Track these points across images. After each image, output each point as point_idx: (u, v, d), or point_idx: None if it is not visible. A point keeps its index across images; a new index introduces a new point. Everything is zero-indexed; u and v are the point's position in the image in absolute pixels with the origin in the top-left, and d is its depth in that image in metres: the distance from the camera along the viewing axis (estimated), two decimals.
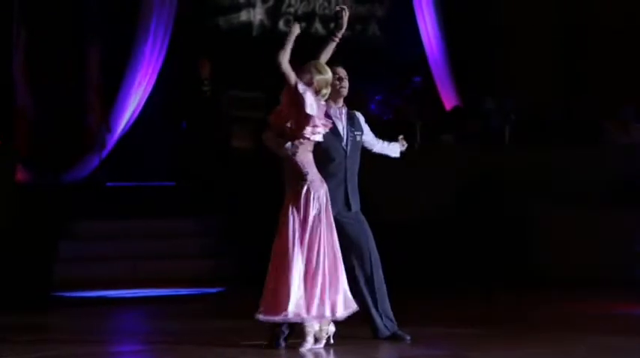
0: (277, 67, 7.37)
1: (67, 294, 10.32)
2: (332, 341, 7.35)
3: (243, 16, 14.85)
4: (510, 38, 14.90)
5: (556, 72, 14.79)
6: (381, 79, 14.36)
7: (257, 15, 14.92)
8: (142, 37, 13.51)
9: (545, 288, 10.73)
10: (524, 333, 8.13)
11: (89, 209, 11.62)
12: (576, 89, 14.54)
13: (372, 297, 7.61)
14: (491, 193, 11.68)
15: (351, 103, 7.91)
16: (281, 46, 7.41)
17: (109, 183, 12.89)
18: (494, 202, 11.61)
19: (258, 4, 14.93)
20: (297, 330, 7.35)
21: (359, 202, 7.63)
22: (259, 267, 11.00)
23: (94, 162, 13.03)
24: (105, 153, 13.09)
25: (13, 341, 7.94)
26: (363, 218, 7.65)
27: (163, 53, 13.61)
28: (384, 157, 7.90)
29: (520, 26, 14.82)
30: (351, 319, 7.58)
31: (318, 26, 15.27)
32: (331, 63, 7.67)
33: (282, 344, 7.35)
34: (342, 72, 7.73)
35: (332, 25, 7.82)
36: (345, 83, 7.70)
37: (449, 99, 14.97)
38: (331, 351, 7.35)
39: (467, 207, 11.61)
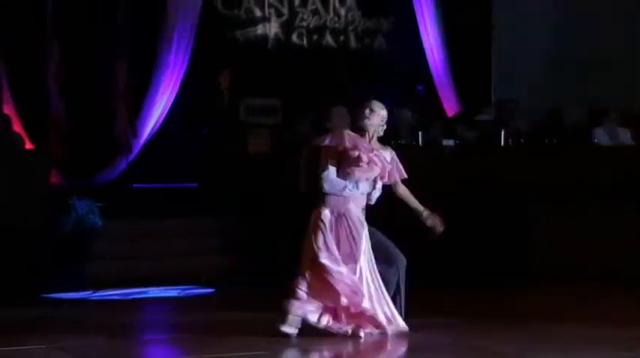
0: None
1: (97, 289, 10.30)
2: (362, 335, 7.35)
3: (260, 29, 14.86)
4: (508, 50, 14.88)
5: (550, 81, 14.77)
6: (387, 87, 14.34)
7: (272, 29, 14.92)
8: (165, 49, 13.55)
9: (541, 283, 10.68)
10: (521, 324, 8.11)
11: (118, 209, 11.60)
12: (570, 96, 14.50)
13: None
14: (490, 194, 11.64)
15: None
16: None
17: (135, 185, 12.90)
18: (493, 202, 11.58)
19: (273, 18, 14.93)
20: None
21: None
22: (276, 263, 11.10)
23: (122, 165, 13.06)
24: (132, 157, 13.12)
25: (49, 330, 8.00)
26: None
27: (185, 64, 13.63)
28: None
29: (518, 39, 14.80)
30: None
31: (328, 39, 15.27)
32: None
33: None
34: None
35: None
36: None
37: (450, 107, 14.97)
38: (329, 340, 7.34)
39: (467, 207, 11.56)
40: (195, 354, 7.14)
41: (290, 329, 7.30)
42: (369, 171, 7.39)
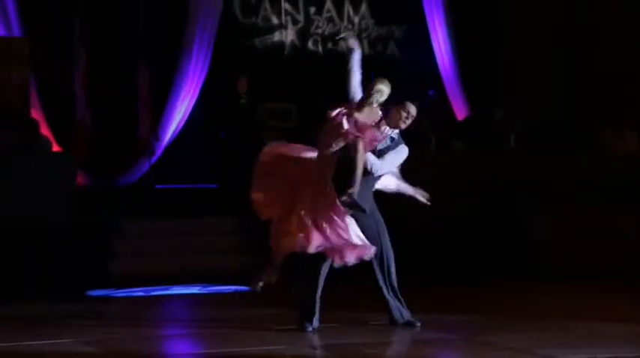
0: None
1: (120, 286, 10.29)
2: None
3: (276, 37, 14.83)
4: (515, 54, 14.82)
5: (557, 85, 14.71)
6: (399, 92, 14.25)
7: (288, 36, 14.90)
8: (186, 56, 13.55)
9: (547, 282, 10.62)
10: (530, 321, 8.07)
11: (140, 209, 11.58)
12: (575, 100, 14.45)
13: (386, 286, 7.58)
14: (498, 194, 11.59)
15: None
16: None
17: (157, 186, 12.86)
18: (501, 203, 11.52)
19: (290, 26, 14.91)
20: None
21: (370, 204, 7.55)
22: (292, 261, 11.01)
23: (145, 167, 13.05)
24: (154, 159, 13.09)
25: (75, 325, 8.01)
26: (379, 217, 7.59)
27: (205, 70, 13.62)
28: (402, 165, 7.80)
29: (524, 44, 14.75)
30: (368, 307, 7.55)
31: (343, 45, 15.18)
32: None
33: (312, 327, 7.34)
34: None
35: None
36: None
37: (460, 110, 14.92)
38: (349, 334, 7.31)
39: (476, 207, 11.51)
40: (216, 348, 7.12)
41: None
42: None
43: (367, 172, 7.45)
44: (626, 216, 11.05)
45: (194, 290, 10.32)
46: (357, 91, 7.69)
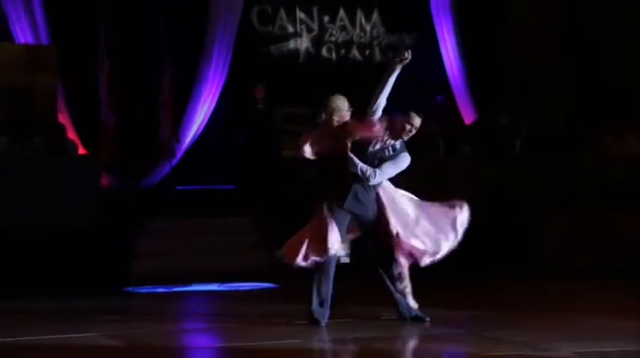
0: None
1: (143, 283, 10.37)
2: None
3: (292, 44, 14.87)
4: (522, 63, 14.83)
5: (561, 91, 14.71)
6: (409, 98, 14.32)
7: (303, 43, 14.94)
8: (206, 62, 13.60)
9: (552, 280, 10.65)
10: (531, 316, 8.12)
11: (162, 209, 11.65)
12: (579, 106, 14.44)
13: (393, 283, 7.64)
14: (504, 197, 11.61)
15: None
16: None
17: (178, 187, 12.91)
18: (507, 205, 11.55)
19: (304, 34, 14.95)
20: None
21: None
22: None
23: (166, 169, 13.10)
24: (175, 161, 13.16)
25: (99, 320, 8.06)
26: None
27: (224, 76, 13.67)
28: (412, 167, 7.88)
29: (530, 52, 14.76)
30: (377, 302, 7.56)
31: (355, 53, 15.28)
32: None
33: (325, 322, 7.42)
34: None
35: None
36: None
37: (467, 116, 14.93)
38: (359, 329, 7.34)
39: (483, 209, 11.53)
40: (234, 342, 7.17)
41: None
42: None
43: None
44: (628, 218, 11.07)
45: (213, 286, 10.38)
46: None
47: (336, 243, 7.42)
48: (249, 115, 13.25)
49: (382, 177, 7.61)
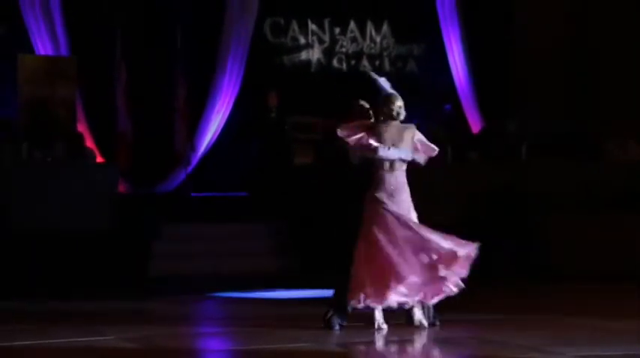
0: None
1: (159, 286, 10.31)
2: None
3: (304, 55, 14.85)
4: (527, 71, 14.76)
5: (567, 99, 14.63)
6: (418, 106, 14.24)
7: (315, 54, 14.91)
8: (220, 72, 13.58)
9: (557, 283, 10.54)
10: (535, 319, 8.01)
11: (177, 215, 11.61)
12: (584, 113, 14.35)
13: None
14: (511, 202, 11.53)
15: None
16: None
17: (193, 194, 12.89)
18: (513, 209, 11.46)
19: (316, 45, 14.92)
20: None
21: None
22: (319, 262, 11.02)
23: (181, 176, 13.07)
24: (190, 168, 13.12)
25: (115, 322, 8.01)
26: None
27: (238, 86, 13.65)
28: (421, 172, 7.76)
29: (536, 61, 14.69)
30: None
31: (365, 63, 15.23)
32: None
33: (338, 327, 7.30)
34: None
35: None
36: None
37: (475, 123, 14.87)
38: (367, 332, 7.25)
39: (490, 213, 11.46)
40: (246, 345, 7.12)
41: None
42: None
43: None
44: (631, 222, 10.98)
45: (228, 290, 10.28)
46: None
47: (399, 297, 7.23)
48: (263, 124, 13.20)
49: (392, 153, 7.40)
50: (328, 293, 7.58)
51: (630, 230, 10.96)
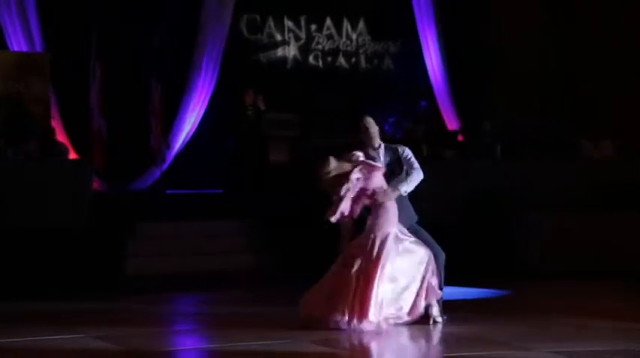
0: None
1: (133, 285, 10.27)
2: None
3: (280, 52, 14.85)
4: (503, 69, 14.85)
5: (542, 99, 14.73)
6: (394, 104, 14.30)
7: (291, 51, 14.92)
8: (195, 69, 13.54)
9: (534, 281, 10.59)
10: (514, 317, 8.07)
11: (152, 213, 11.57)
12: (559, 113, 14.46)
13: None
14: (486, 201, 11.58)
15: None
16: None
17: (168, 191, 12.85)
18: (488, 207, 11.51)
19: (292, 42, 14.93)
20: None
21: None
22: (292, 261, 11.05)
23: (156, 173, 13.03)
24: (165, 166, 13.08)
25: (88, 320, 8.00)
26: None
27: (214, 83, 13.62)
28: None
29: (511, 60, 14.78)
30: None
31: (341, 60, 15.26)
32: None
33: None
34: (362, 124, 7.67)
35: None
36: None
37: (451, 121, 14.93)
38: (341, 331, 7.27)
39: (466, 212, 11.51)
40: (218, 343, 7.13)
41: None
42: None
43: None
44: (605, 220, 11.07)
45: (202, 288, 10.26)
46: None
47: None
48: (238, 121, 13.18)
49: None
50: (302, 291, 7.59)
51: (605, 228, 11.05)
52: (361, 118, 7.71)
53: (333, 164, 7.36)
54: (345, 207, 7.32)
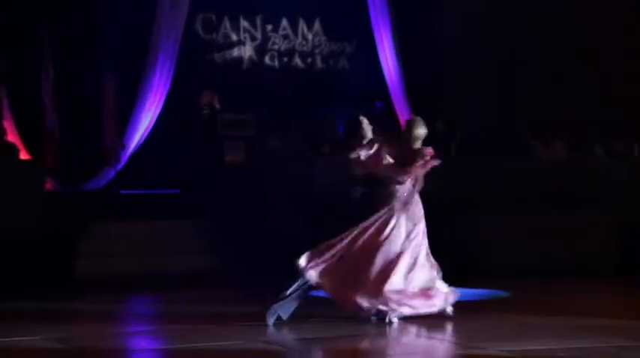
0: None
1: (87, 286, 10.20)
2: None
3: (235, 52, 14.85)
4: (457, 69, 14.95)
5: (498, 100, 14.85)
6: (349, 104, 14.36)
7: (247, 51, 14.92)
8: (150, 70, 13.44)
9: (485, 280, 10.65)
10: (465, 317, 8.09)
11: (106, 213, 11.51)
12: (512, 115, 14.59)
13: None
14: (440, 201, 11.64)
15: (322, 126, 7.91)
16: None
17: (122, 191, 12.78)
18: (442, 208, 11.58)
19: (248, 42, 14.93)
20: None
21: None
22: (247, 261, 11.05)
23: (111, 173, 12.94)
24: (120, 166, 13.01)
25: (41, 322, 7.92)
26: None
27: (169, 83, 13.52)
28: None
29: (465, 60, 14.89)
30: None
31: (297, 60, 15.28)
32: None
33: None
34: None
35: None
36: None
37: (405, 121, 14.96)
38: (300, 330, 7.30)
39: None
40: (176, 344, 7.11)
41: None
42: None
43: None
44: (556, 219, 11.21)
45: (155, 287, 10.23)
46: None
47: None
48: (194, 121, 13.15)
49: None
50: (257, 291, 7.60)
51: (557, 227, 11.19)
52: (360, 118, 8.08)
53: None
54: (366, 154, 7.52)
